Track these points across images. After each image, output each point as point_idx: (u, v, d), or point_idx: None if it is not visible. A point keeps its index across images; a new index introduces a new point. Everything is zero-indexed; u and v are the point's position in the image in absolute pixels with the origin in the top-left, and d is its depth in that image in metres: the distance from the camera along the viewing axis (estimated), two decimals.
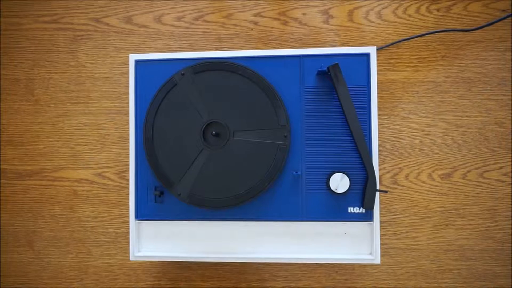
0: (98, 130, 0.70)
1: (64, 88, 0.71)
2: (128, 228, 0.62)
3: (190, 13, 0.69)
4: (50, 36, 0.72)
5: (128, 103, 0.69)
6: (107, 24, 0.71)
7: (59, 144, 0.71)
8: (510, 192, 0.65)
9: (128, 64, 0.63)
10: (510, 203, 0.65)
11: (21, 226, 0.71)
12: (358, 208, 0.58)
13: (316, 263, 0.66)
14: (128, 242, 0.62)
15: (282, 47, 0.68)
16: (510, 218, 0.65)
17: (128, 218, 0.62)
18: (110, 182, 0.70)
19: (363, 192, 0.57)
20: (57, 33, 0.72)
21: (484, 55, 0.65)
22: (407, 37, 0.65)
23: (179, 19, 0.70)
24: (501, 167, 0.65)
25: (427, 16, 0.66)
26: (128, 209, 0.63)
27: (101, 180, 0.70)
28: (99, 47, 0.71)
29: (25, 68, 0.72)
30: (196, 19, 0.69)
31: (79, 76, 0.71)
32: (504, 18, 0.62)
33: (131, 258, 0.61)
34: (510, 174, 0.65)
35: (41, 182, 0.71)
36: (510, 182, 0.65)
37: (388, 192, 0.65)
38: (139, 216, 0.61)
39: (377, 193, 0.57)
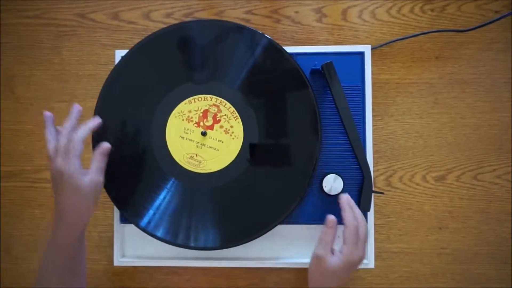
0: None
1: (47, 86, 0.68)
2: (113, 232, 0.60)
3: (180, 10, 0.68)
4: (32, 31, 0.69)
5: None
6: (93, 20, 0.68)
7: (41, 144, 0.68)
8: (504, 194, 0.64)
9: (115, 61, 0.61)
10: (506, 205, 0.64)
11: None
12: None
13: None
14: (113, 247, 0.60)
15: None
16: (505, 221, 0.64)
17: (113, 221, 0.60)
18: None
19: (359, 193, 0.56)
20: (40, 28, 0.69)
21: (477, 56, 0.65)
22: (401, 37, 0.65)
23: (168, 15, 0.68)
24: (494, 169, 0.65)
25: (421, 16, 0.66)
26: (113, 212, 0.61)
27: None
28: (84, 43, 0.68)
29: (5, 65, 0.68)
30: (186, 16, 0.68)
31: (63, 74, 0.68)
32: (498, 19, 0.62)
33: (116, 263, 0.59)
34: (503, 177, 0.64)
35: (20, 183, 0.68)
36: (506, 185, 0.64)
37: (384, 194, 0.64)
38: (124, 219, 0.59)
39: (372, 195, 0.56)
